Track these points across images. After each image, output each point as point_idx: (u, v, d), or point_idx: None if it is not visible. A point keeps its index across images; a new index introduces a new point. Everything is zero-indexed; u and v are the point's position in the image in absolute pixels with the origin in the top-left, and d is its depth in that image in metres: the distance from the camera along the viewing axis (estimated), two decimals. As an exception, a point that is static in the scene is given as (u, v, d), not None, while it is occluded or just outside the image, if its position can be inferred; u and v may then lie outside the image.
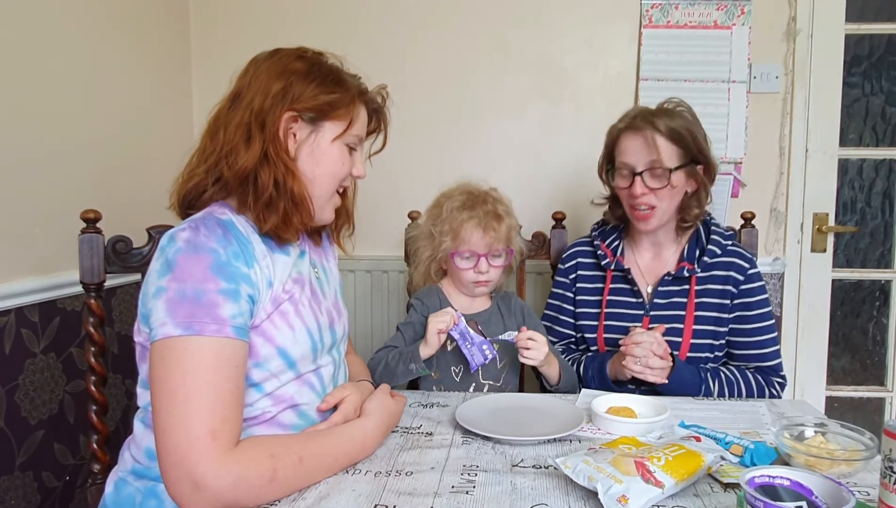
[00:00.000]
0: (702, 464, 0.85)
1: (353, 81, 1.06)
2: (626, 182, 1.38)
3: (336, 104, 1.00)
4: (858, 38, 2.12)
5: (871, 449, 0.88)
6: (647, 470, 0.80)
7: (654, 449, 0.87)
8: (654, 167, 1.33)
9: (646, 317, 1.41)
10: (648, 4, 2.06)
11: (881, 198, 2.18)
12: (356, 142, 1.06)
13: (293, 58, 1.01)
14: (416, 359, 1.27)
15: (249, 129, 0.96)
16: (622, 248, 1.49)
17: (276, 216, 0.96)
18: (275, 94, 0.97)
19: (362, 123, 1.07)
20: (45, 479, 1.53)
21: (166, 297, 0.85)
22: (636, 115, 1.38)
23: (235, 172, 0.95)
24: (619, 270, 1.46)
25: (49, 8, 1.55)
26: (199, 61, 2.19)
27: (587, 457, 0.85)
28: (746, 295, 1.38)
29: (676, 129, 1.34)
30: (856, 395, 2.21)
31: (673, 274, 1.41)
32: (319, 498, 0.85)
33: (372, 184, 1.47)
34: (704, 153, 1.38)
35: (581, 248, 1.55)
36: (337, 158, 1.03)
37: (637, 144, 1.35)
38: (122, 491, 0.96)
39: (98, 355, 1.34)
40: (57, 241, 1.54)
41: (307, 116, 0.99)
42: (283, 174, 0.96)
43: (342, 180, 1.06)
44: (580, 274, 1.52)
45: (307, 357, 1.01)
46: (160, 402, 0.83)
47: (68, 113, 1.61)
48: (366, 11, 2.13)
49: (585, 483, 0.81)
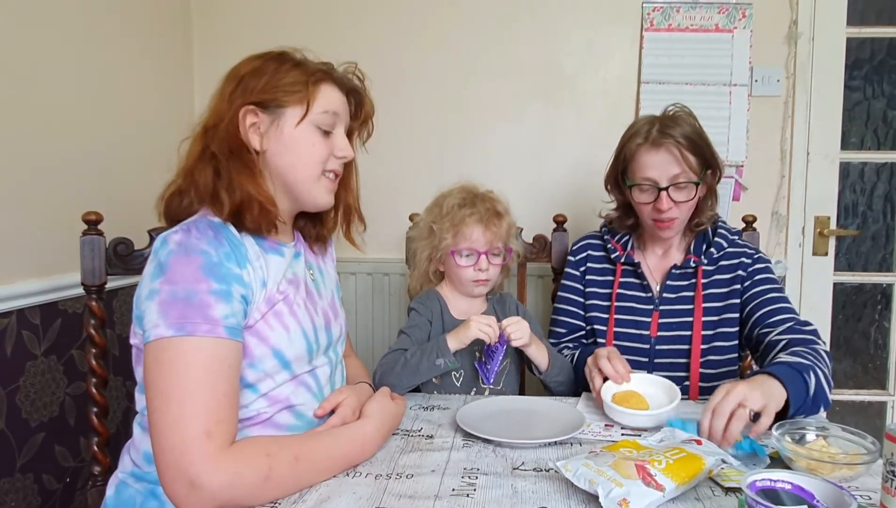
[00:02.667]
0: (703, 467, 0.85)
1: (312, 65, 1.04)
2: (650, 197, 1.36)
3: (290, 88, 0.99)
4: (860, 41, 2.12)
5: (873, 453, 0.88)
6: (647, 474, 0.80)
7: (655, 452, 0.87)
8: (680, 182, 1.33)
9: (655, 311, 1.41)
10: (650, 7, 2.07)
11: (882, 201, 2.18)
12: (329, 123, 1.02)
13: (247, 60, 1.02)
14: (446, 353, 1.26)
15: (204, 132, 0.98)
16: (632, 243, 1.50)
17: (227, 209, 0.95)
18: (229, 94, 0.98)
19: (329, 101, 1.02)
20: (45, 481, 1.53)
21: (159, 299, 0.86)
22: (650, 128, 1.35)
23: (183, 173, 0.98)
24: (629, 264, 1.46)
25: (51, 11, 1.55)
26: (201, 63, 2.20)
27: (588, 460, 0.85)
28: (757, 273, 1.38)
29: (693, 138, 1.34)
30: (857, 399, 2.21)
31: (679, 266, 1.41)
32: (320, 501, 0.85)
33: (373, 186, 1.47)
34: (716, 157, 1.39)
35: (591, 241, 1.56)
36: (306, 141, 1.00)
37: (660, 159, 1.33)
38: (123, 493, 0.97)
39: (99, 357, 1.34)
40: (58, 243, 1.54)
41: (265, 107, 0.98)
42: (237, 171, 0.96)
43: (322, 163, 1.03)
44: (590, 266, 1.52)
45: (302, 358, 1.01)
46: (155, 403, 0.83)
47: (70, 115, 1.62)
48: (366, 13, 2.13)
49: (586, 486, 0.81)
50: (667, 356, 1.40)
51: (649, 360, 1.41)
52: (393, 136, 2.09)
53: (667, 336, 1.41)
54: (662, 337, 1.41)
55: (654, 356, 1.41)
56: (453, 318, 1.41)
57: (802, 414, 1.08)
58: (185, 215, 1.00)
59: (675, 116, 1.39)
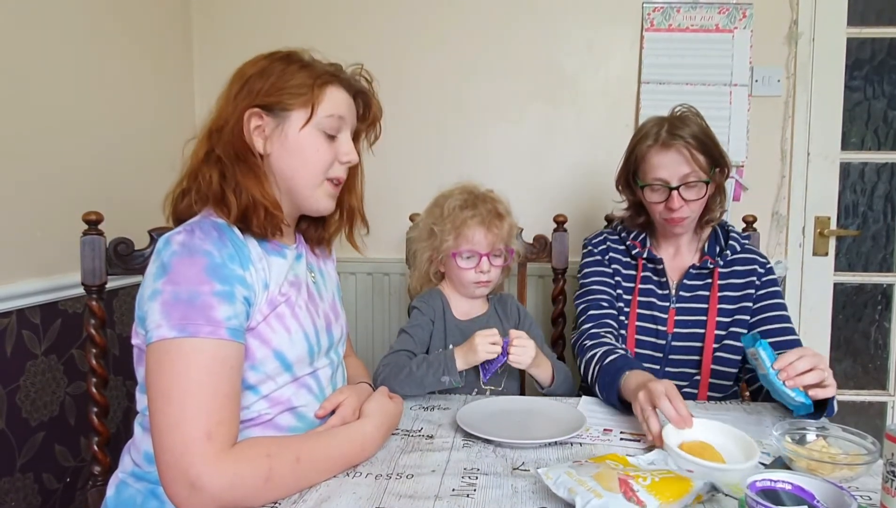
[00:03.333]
0: (689, 489, 0.80)
1: (319, 66, 1.02)
2: (661, 197, 1.39)
3: (295, 91, 0.98)
4: (860, 41, 2.12)
5: (873, 454, 0.88)
6: (630, 489, 0.77)
7: (642, 470, 0.84)
8: (690, 181, 1.35)
9: (671, 309, 1.43)
10: (650, 8, 2.06)
11: (883, 202, 2.18)
12: (334, 127, 1.01)
13: (254, 60, 1.01)
14: (452, 372, 1.23)
15: (205, 133, 0.98)
16: (649, 241, 1.51)
17: (233, 213, 0.95)
18: (235, 95, 0.98)
19: (335, 104, 1.01)
20: (45, 481, 1.53)
21: (161, 299, 0.86)
22: (659, 129, 1.38)
23: (188, 174, 0.98)
24: (650, 260, 1.47)
25: (51, 11, 1.55)
26: (202, 64, 2.20)
27: (571, 469, 0.83)
28: (770, 285, 1.42)
29: (701, 138, 1.36)
30: (857, 399, 2.21)
31: (697, 266, 1.44)
32: (320, 501, 0.85)
33: (373, 187, 1.47)
34: (724, 155, 1.41)
35: (609, 236, 1.56)
36: (310, 146, 0.99)
37: (670, 159, 1.36)
38: (123, 493, 0.97)
39: (99, 356, 1.34)
40: (58, 243, 1.55)
41: (271, 110, 0.97)
42: (243, 174, 0.96)
43: (325, 168, 1.02)
44: (613, 257, 1.52)
45: (303, 360, 1.01)
46: (156, 404, 0.83)
47: (70, 115, 1.62)
48: (367, 13, 2.13)
49: (565, 494, 0.79)
50: (681, 353, 1.42)
51: (664, 356, 1.42)
52: (393, 136, 2.08)
53: (682, 333, 1.42)
54: (678, 334, 1.42)
55: (669, 352, 1.42)
56: (455, 318, 1.41)
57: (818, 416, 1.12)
58: (192, 215, 1.00)
59: (683, 116, 1.41)
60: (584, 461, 0.88)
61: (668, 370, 1.42)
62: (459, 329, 1.40)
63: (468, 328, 1.38)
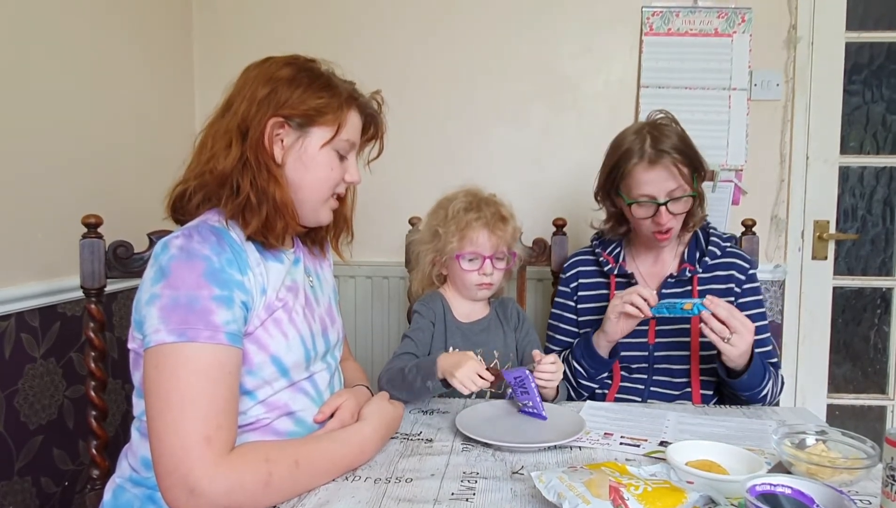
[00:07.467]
0: (682, 500, 0.78)
1: (344, 86, 1.04)
2: (648, 212, 1.37)
3: (323, 109, 0.99)
4: (859, 46, 2.12)
5: (873, 458, 0.88)
6: (620, 497, 0.76)
7: (636, 478, 0.82)
8: (677, 196, 1.35)
9: (652, 320, 1.41)
10: (649, 12, 2.07)
11: (882, 206, 2.18)
12: (347, 148, 1.04)
13: (281, 64, 1.01)
14: (433, 377, 1.19)
15: (231, 135, 0.96)
16: (623, 255, 1.50)
17: (257, 220, 0.95)
18: (260, 99, 0.97)
19: (353, 128, 1.05)
20: (43, 484, 1.53)
21: (160, 304, 0.85)
22: (642, 144, 1.35)
23: (215, 176, 0.96)
24: (622, 275, 1.46)
25: (51, 11, 1.55)
26: (202, 67, 2.20)
27: (563, 474, 0.82)
28: (750, 294, 1.41)
29: (683, 149, 1.35)
30: (857, 403, 2.21)
31: (675, 275, 1.42)
32: (319, 505, 0.85)
33: (372, 190, 1.48)
34: (701, 160, 1.40)
35: (581, 257, 1.56)
36: (325, 165, 1.02)
37: (657, 175, 1.34)
38: (121, 498, 0.96)
39: (98, 360, 1.34)
40: (58, 246, 1.54)
41: (294, 122, 0.98)
42: (266, 180, 0.96)
43: (334, 186, 1.05)
44: (581, 282, 1.52)
45: (300, 365, 1.00)
46: (154, 409, 0.83)
47: (70, 118, 1.62)
48: (368, 17, 2.13)
49: (554, 498, 0.79)
50: (666, 362, 1.41)
51: (649, 366, 1.41)
52: (393, 139, 2.08)
53: (665, 343, 1.41)
54: (661, 344, 1.41)
55: (654, 363, 1.41)
56: (456, 320, 1.41)
57: (746, 392, 1.29)
58: (196, 215, 1.00)
59: (661, 125, 1.39)
60: (579, 466, 0.87)
61: (655, 378, 1.41)
62: (461, 332, 1.40)
63: (469, 331, 1.39)
